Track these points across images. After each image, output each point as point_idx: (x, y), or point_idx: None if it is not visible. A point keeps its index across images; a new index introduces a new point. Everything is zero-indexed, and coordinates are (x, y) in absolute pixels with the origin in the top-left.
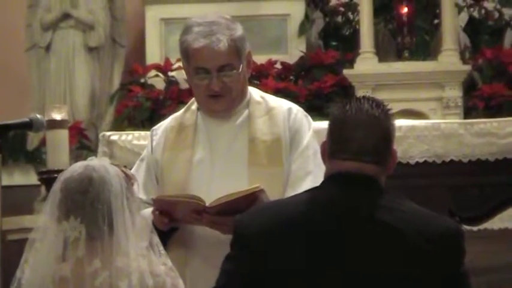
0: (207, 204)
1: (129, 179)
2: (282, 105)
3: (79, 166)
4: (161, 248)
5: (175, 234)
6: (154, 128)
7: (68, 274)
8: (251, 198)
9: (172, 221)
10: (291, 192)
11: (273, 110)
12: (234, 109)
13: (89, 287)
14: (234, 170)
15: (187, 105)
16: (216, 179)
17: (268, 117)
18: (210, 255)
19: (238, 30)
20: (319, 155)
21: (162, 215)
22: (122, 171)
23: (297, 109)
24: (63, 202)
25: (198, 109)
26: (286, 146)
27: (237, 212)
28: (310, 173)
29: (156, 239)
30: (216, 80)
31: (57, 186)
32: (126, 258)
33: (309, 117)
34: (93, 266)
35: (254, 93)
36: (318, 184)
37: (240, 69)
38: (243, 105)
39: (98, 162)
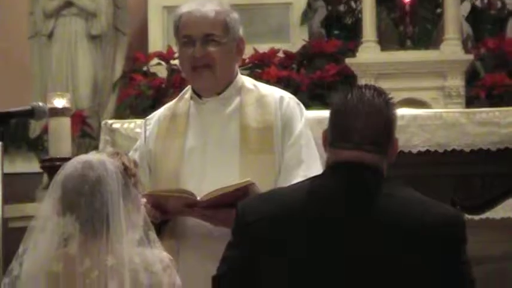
0: (198, 198)
1: (129, 170)
2: (274, 93)
3: (78, 162)
4: (158, 244)
5: (167, 226)
6: (147, 117)
7: (59, 270)
8: (242, 192)
9: (164, 214)
10: (284, 181)
11: (265, 97)
12: (225, 96)
13: (80, 285)
14: (226, 157)
15: (180, 94)
16: (208, 166)
17: (260, 104)
18: (202, 246)
19: (233, 12)
20: (312, 143)
21: (154, 208)
22: (125, 160)
23: (289, 97)
24: (62, 199)
25: (191, 98)
26: (278, 133)
27: (227, 205)
28: (302, 162)
29: (153, 236)
30: (199, 47)
31: (58, 179)
32: (119, 257)
33: (302, 105)
34: (85, 264)
35: (246, 81)
36: (309, 171)
37: (226, 43)
38: (235, 93)
39: (98, 159)
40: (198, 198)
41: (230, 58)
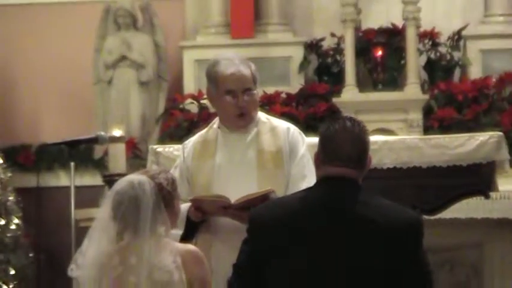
0: (232, 202)
1: (166, 189)
2: (282, 125)
3: (124, 181)
4: (175, 250)
5: (204, 224)
6: (185, 142)
7: (103, 263)
8: (264, 198)
9: (204, 214)
10: (291, 191)
11: (276, 128)
12: (247, 127)
13: (109, 276)
14: (247, 173)
15: (210, 124)
16: (233, 180)
17: (272, 133)
18: (230, 240)
19: (252, 65)
20: (311, 162)
21: (196, 210)
22: (163, 181)
23: (293, 128)
24: (112, 208)
25: (218, 127)
26: (286, 155)
27: (253, 207)
28: (305, 176)
29: (172, 242)
30: (241, 98)
31: (110, 193)
32: (140, 257)
33: (303, 133)
34: (115, 261)
35: (261, 115)
36: (310, 184)
37: (255, 89)
38: (254, 124)
39: (139, 180)
40: (232, 201)
41: (258, 100)
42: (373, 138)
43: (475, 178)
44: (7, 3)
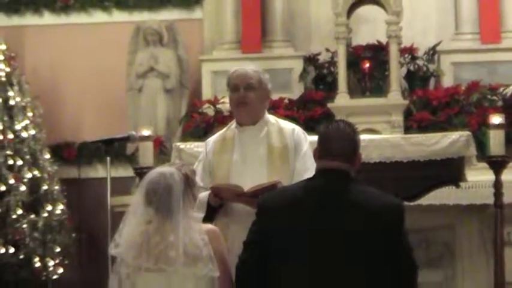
0: (245, 190)
1: (191, 178)
2: (288, 126)
3: (157, 172)
4: (202, 230)
5: (222, 209)
6: (207, 140)
7: (141, 241)
8: (273, 187)
9: (221, 200)
10: (296, 181)
11: (283, 129)
12: (257, 126)
13: (152, 252)
14: (258, 167)
15: (228, 125)
16: (247, 173)
17: (280, 133)
18: (244, 222)
19: (265, 74)
20: (312, 157)
21: (215, 196)
22: (188, 171)
23: (298, 128)
24: (145, 195)
25: (235, 127)
26: (291, 152)
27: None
28: (308, 169)
29: (199, 223)
30: (243, 92)
31: (143, 182)
32: (176, 235)
33: (306, 133)
34: (156, 239)
35: (270, 117)
36: (311, 175)
37: (259, 90)
38: (264, 124)
39: (169, 171)
40: (245, 190)
41: (261, 100)
42: (361, 137)
43: (448, 170)
44: (56, 23)
